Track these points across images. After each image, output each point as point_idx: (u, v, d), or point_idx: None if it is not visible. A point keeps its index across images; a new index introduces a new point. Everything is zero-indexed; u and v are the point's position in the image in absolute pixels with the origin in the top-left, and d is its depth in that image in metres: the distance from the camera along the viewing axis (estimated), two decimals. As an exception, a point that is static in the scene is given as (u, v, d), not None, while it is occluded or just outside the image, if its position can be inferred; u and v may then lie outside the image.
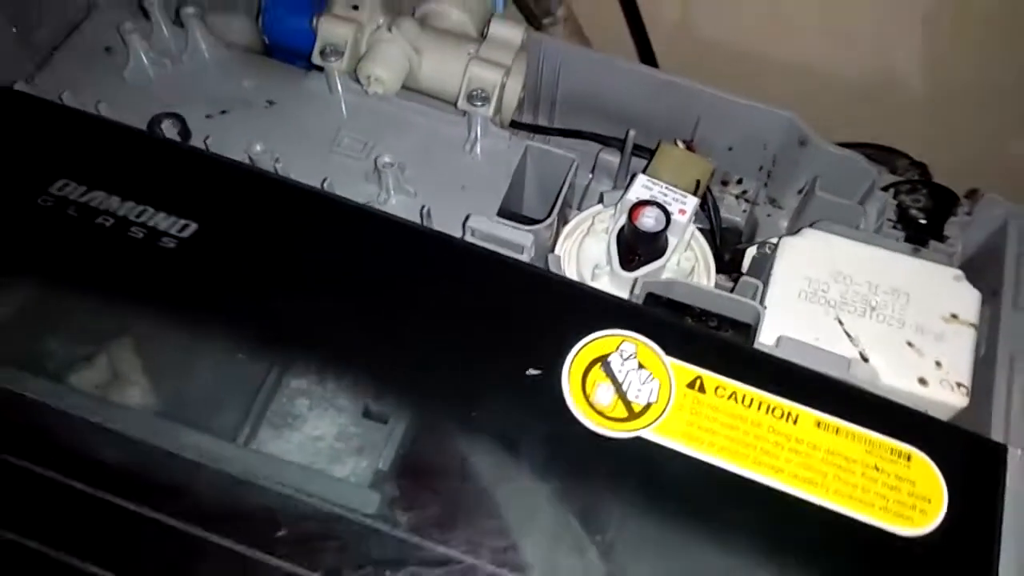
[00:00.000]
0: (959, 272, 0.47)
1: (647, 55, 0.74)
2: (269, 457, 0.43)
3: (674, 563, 0.35)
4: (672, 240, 0.49)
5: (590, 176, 0.61)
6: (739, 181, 0.60)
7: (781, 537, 0.35)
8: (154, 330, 0.41)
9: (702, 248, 0.53)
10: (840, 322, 0.45)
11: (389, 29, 0.52)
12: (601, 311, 0.40)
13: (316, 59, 0.53)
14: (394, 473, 0.41)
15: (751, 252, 0.52)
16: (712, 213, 0.58)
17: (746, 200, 0.60)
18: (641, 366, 0.38)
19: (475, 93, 0.52)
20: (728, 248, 0.58)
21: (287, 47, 0.55)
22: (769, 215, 0.58)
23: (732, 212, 0.61)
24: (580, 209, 0.60)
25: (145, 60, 0.54)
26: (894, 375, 0.44)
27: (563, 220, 0.56)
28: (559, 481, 0.37)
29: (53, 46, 0.56)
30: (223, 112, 0.53)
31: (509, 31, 0.53)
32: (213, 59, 0.55)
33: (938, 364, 0.44)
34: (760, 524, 0.36)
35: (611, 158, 0.60)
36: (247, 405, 0.45)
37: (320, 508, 0.42)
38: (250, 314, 0.41)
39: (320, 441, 0.45)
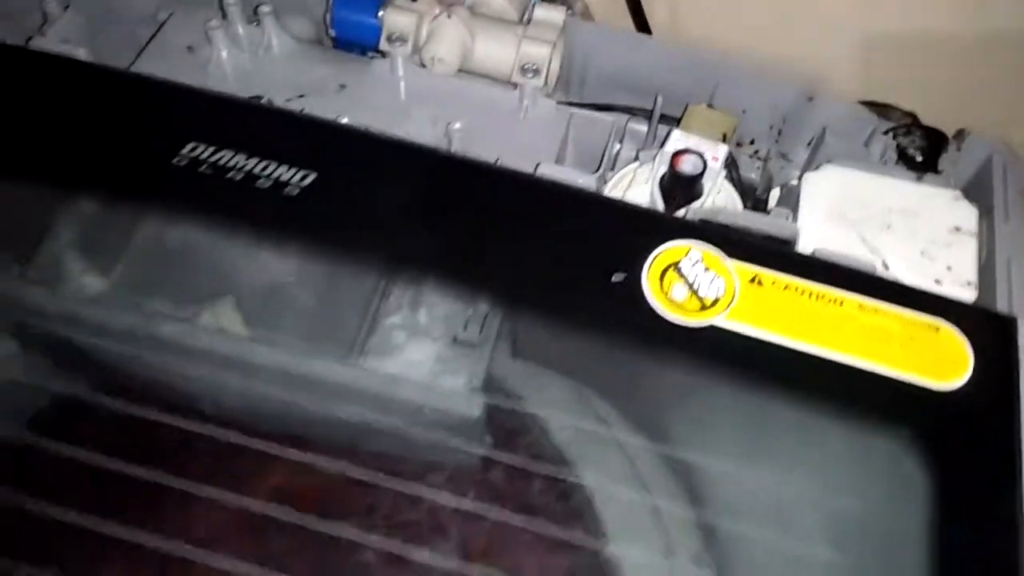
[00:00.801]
0: (958, 192, 0.55)
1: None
2: (381, 374, 0.49)
3: (750, 423, 0.42)
4: (707, 184, 0.57)
5: (618, 145, 0.69)
6: (751, 142, 0.68)
7: (840, 395, 0.42)
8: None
9: (730, 193, 0.60)
10: (863, 239, 0.53)
11: (448, 16, 0.59)
12: (670, 226, 0.46)
13: (384, 46, 0.60)
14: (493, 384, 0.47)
15: (775, 193, 0.60)
16: (733, 166, 0.66)
17: (759, 159, 0.68)
18: (707, 268, 0.45)
19: (526, 67, 0.59)
20: (748, 199, 0.66)
21: (352, 40, 0.62)
22: (782, 167, 0.66)
23: (747, 170, 0.68)
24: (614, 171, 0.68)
25: (226, 54, 0.61)
26: (913, 278, 0.51)
27: (601, 182, 0.63)
28: (646, 366, 0.43)
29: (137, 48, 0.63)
30: (301, 96, 0.60)
31: (552, 13, 0.61)
32: (286, 51, 0.62)
33: (949, 268, 0.52)
34: (820, 386, 0.42)
35: (637, 127, 0.67)
36: (353, 339, 0.51)
37: (430, 414, 0.49)
38: (360, 248, 0.48)
39: (420, 365, 0.51)
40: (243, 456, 0.46)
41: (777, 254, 0.46)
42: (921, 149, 0.60)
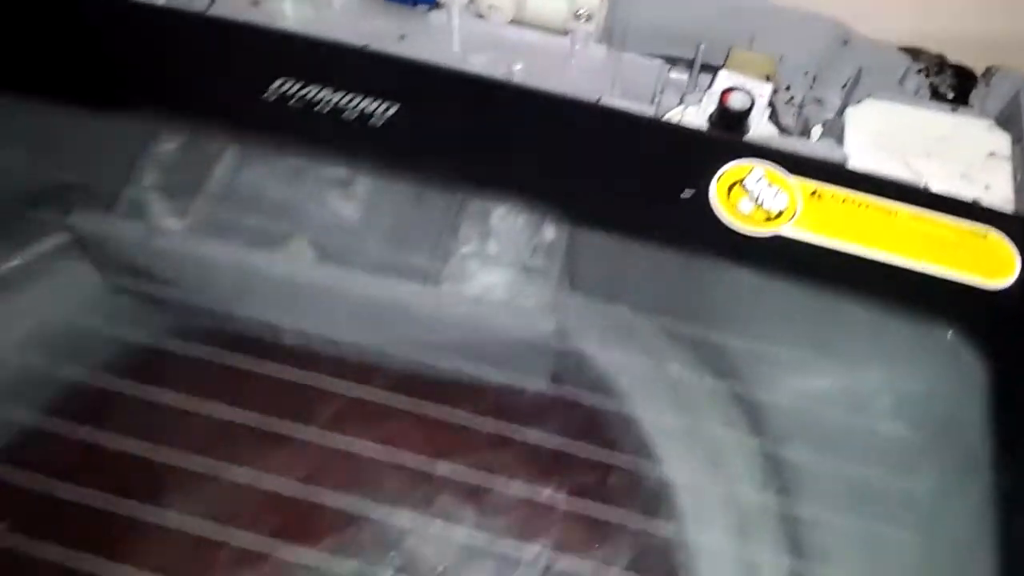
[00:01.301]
0: (991, 122, 0.58)
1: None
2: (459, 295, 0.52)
3: (817, 324, 0.45)
4: (754, 120, 0.60)
5: (659, 93, 0.72)
6: (787, 88, 0.71)
7: (899, 294, 0.45)
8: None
9: (772, 132, 0.64)
10: (906, 164, 0.56)
11: (502, -34, 0.62)
12: (733, 148, 0.50)
13: (441, -4, 0.63)
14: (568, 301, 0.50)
15: (817, 130, 0.63)
16: (772, 111, 0.69)
17: (795, 105, 0.71)
18: (770, 184, 0.48)
19: (579, 13, 0.62)
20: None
21: (408, -7, 0.65)
22: (817, 112, 0.69)
23: (784, 116, 0.71)
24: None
25: (290, 8, 0.63)
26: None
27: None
28: (718, 272, 0.46)
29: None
30: (364, 46, 0.63)
31: (600, -38, 0.64)
32: (347, 5, 0.65)
33: (987, 187, 0.55)
34: (881, 286, 0.46)
35: (677, 76, 0.71)
36: (427, 269, 0.54)
37: (503, 336, 0.52)
38: (436, 176, 0.51)
39: (493, 290, 0.54)
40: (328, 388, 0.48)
41: (834, 170, 0.50)
42: (952, 87, 0.64)
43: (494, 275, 0.56)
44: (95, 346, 0.55)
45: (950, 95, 0.64)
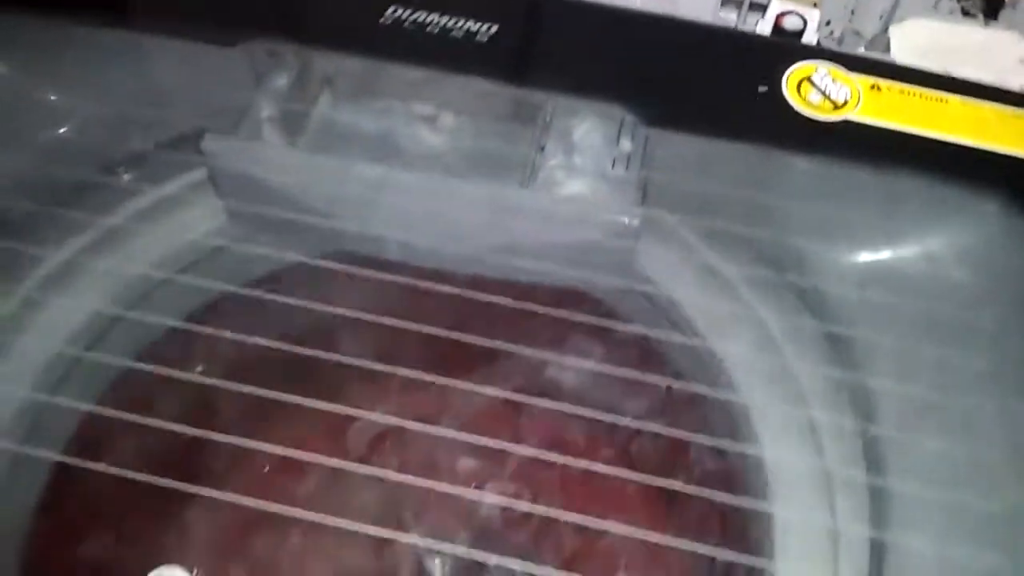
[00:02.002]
0: (1020, 35, 0.64)
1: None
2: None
3: (882, 195, 0.51)
4: (806, 40, 0.66)
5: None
6: (827, 23, 0.77)
7: (954, 168, 0.51)
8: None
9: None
10: (947, 70, 0.62)
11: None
12: (799, 50, 0.56)
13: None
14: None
15: (861, 49, 0.69)
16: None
17: (835, 39, 0.77)
18: (834, 80, 0.55)
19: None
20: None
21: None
22: (857, 40, 0.76)
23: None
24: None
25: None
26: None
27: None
28: (797, 152, 0.52)
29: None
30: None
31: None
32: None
33: (1021, 88, 0.61)
34: (938, 161, 0.52)
35: (726, 15, 0.77)
36: (518, 179, 0.60)
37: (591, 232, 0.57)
38: (529, 88, 0.57)
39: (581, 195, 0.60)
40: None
41: (889, 67, 0.56)
42: (983, 10, 0.70)
43: (579, 183, 0.62)
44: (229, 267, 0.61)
45: (980, 16, 0.70)
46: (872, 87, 0.54)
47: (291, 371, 0.42)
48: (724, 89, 0.55)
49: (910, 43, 0.64)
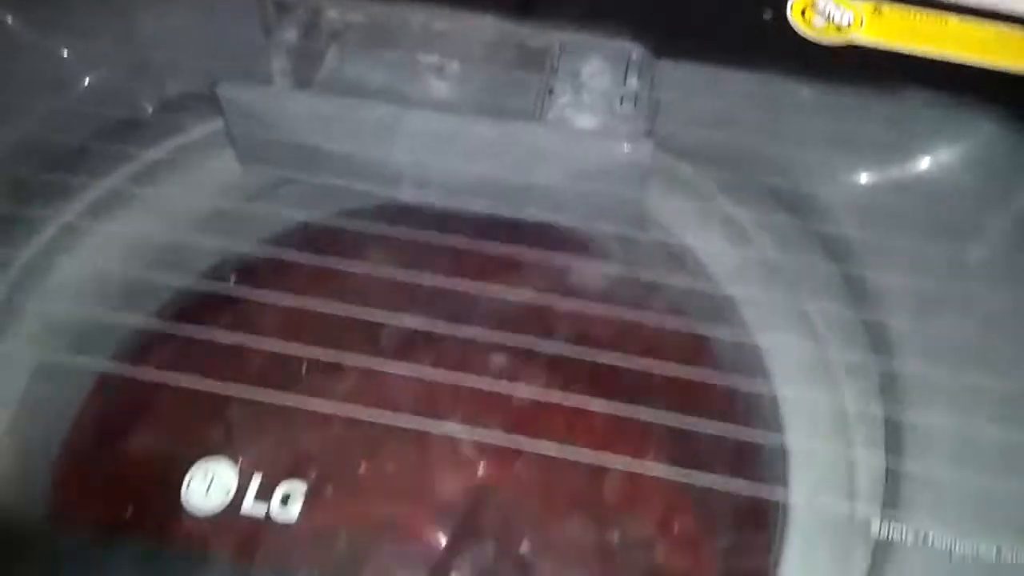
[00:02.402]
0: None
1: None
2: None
3: (887, 115, 0.53)
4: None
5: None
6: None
7: (956, 84, 0.53)
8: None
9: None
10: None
11: None
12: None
13: None
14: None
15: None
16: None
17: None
18: (837, 5, 0.56)
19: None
20: None
21: None
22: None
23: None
24: None
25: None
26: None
27: None
28: (804, 76, 0.54)
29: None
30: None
31: None
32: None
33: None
34: (941, 79, 0.53)
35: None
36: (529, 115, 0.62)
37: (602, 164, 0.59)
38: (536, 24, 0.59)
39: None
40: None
41: (889, -9, 0.58)
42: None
43: (588, 119, 0.63)
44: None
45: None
46: (874, 10, 0.56)
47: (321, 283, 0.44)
48: (729, 17, 0.56)
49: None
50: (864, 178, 0.55)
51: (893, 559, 0.37)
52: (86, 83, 0.64)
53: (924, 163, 0.53)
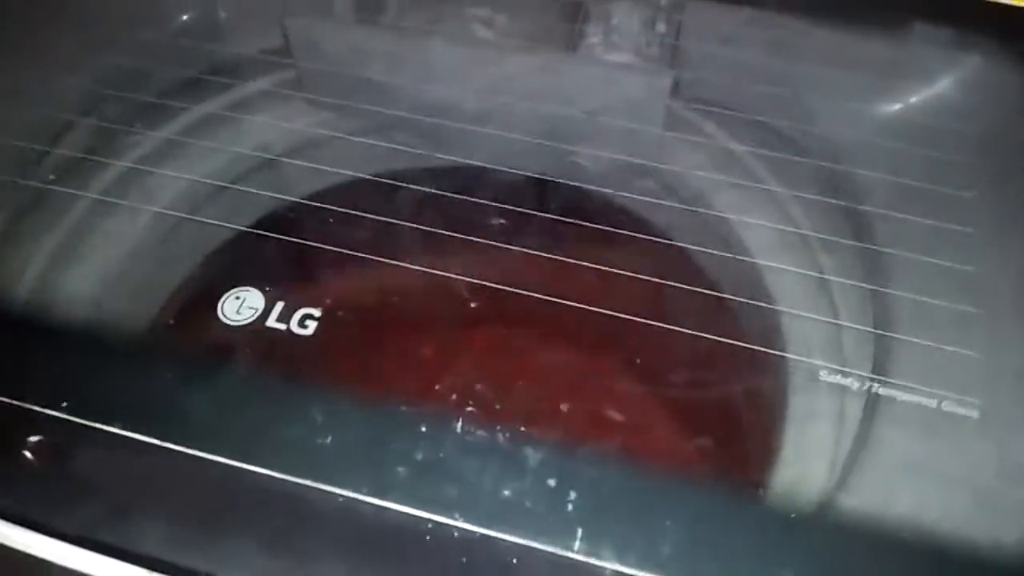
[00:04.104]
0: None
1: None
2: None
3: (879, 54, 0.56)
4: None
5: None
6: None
7: (944, 14, 0.56)
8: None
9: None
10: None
11: None
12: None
13: None
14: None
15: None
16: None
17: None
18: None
19: None
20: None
21: None
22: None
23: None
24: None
25: None
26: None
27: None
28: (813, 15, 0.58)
29: None
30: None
31: None
32: None
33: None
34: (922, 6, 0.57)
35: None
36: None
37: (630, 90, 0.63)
38: None
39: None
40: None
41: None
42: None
43: (618, 56, 0.69)
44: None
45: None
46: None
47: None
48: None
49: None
50: (864, 112, 0.58)
51: (876, 408, 0.41)
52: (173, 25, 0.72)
53: (920, 95, 0.56)
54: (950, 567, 0.35)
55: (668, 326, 0.42)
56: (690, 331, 0.42)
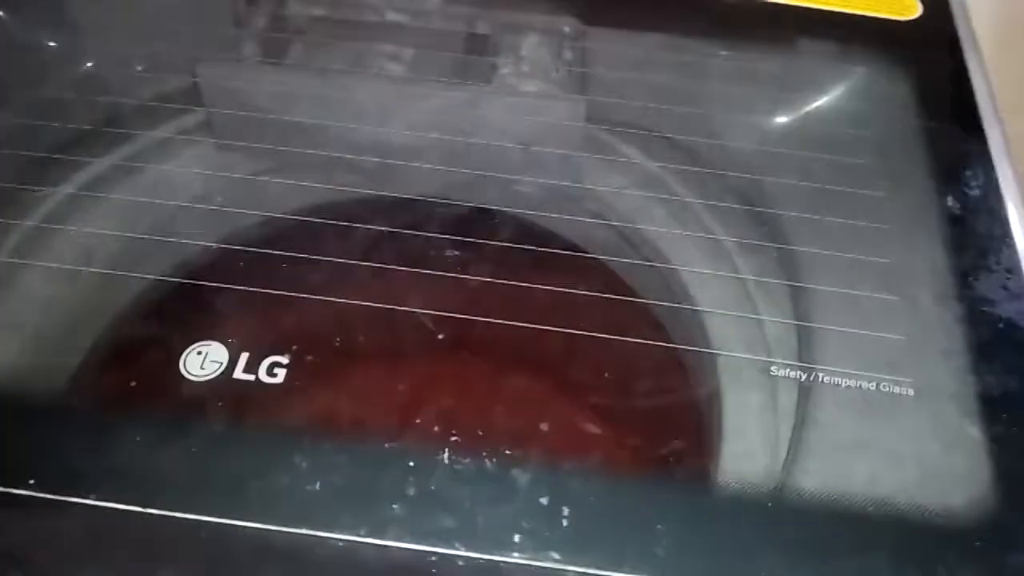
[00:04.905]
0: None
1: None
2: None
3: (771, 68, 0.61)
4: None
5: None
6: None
7: (831, 34, 0.62)
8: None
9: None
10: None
11: None
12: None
13: None
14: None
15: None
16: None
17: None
18: (735, -29, 0.65)
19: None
20: None
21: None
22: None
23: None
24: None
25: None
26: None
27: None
28: (708, 28, 0.62)
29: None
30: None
31: None
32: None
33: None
34: (811, 31, 0.62)
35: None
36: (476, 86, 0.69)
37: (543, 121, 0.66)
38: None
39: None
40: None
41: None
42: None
43: (530, 85, 0.71)
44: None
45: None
46: (765, -26, 0.65)
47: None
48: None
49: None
50: (765, 124, 0.63)
51: (814, 396, 0.44)
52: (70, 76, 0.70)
53: (814, 105, 0.61)
54: (911, 533, 0.39)
55: (610, 336, 0.45)
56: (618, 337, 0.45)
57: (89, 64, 0.69)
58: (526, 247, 0.49)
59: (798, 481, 0.41)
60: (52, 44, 0.70)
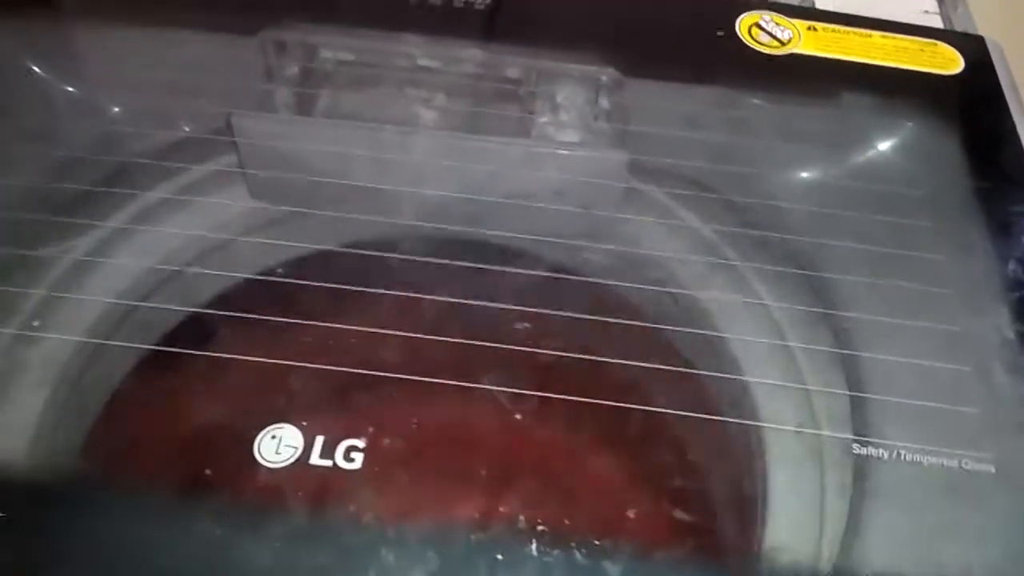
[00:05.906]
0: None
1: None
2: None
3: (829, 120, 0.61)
4: None
5: None
6: None
7: (884, 86, 0.62)
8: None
9: None
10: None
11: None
12: (742, 4, 0.66)
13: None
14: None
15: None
16: None
17: None
18: (777, 24, 0.65)
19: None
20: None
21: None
22: None
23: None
24: None
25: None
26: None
27: None
28: (755, 86, 0.62)
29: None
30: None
31: None
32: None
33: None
34: (869, 82, 0.62)
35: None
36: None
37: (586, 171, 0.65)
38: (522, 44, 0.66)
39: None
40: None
41: (819, 13, 0.67)
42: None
43: (569, 135, 0.71)
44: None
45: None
46: (809, 28, 0.65)
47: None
48: (686, 37, 0.65)
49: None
50: (815, 182, 0.63)
51: (871, 472, 0.44)
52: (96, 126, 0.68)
53: (860, 159, 0.61)
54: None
55: (688, 414, 0.44)
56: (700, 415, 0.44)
57: (116, 110, 0.68)
58: (596, 318, 0.48)
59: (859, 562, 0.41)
60: (75, 92, 0.69)
